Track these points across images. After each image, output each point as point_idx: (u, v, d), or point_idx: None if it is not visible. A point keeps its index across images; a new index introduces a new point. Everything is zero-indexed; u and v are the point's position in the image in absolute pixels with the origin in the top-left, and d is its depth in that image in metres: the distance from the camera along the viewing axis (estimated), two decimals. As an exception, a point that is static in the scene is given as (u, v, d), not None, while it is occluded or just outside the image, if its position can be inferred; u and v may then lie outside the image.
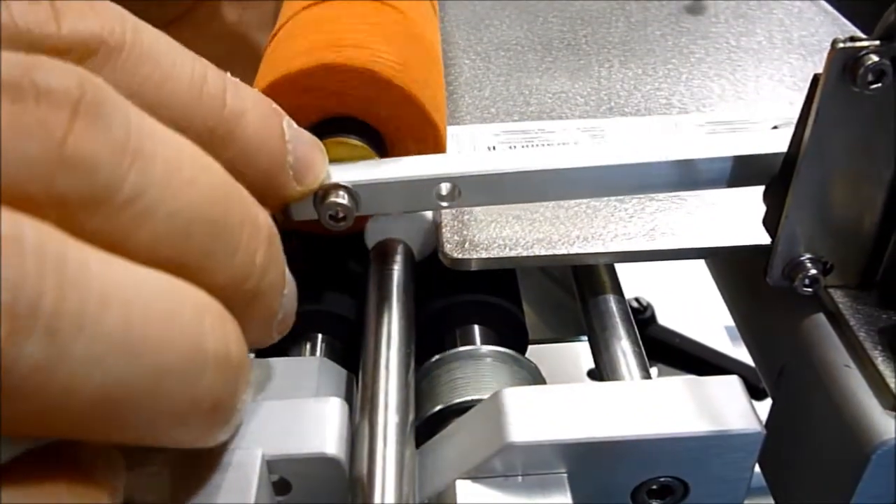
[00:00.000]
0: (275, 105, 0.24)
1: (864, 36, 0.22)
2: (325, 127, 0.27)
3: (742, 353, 0.59)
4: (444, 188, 0.27)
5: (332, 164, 0.26)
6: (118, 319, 0.15)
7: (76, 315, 0.14)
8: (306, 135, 0.25)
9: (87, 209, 0.15)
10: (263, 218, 0.20)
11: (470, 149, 0.34)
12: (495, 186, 0.27)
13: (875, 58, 0.21)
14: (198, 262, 0.18)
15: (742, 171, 0.26)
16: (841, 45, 0.21)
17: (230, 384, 0.18)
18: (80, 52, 0.18)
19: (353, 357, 0.29)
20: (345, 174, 0.26)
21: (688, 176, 0.27)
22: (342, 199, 0.26)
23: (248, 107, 0.22)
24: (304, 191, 0.25)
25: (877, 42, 0.21)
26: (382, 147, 0.28)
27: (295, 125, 0.24)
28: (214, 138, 0.21)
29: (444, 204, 0.27)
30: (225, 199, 0.19)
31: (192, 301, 0.17)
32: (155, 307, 0.16)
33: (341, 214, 0.26)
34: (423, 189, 0.27)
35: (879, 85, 0.22)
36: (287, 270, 0.22)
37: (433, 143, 0.29)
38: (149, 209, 0.16)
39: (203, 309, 0.17)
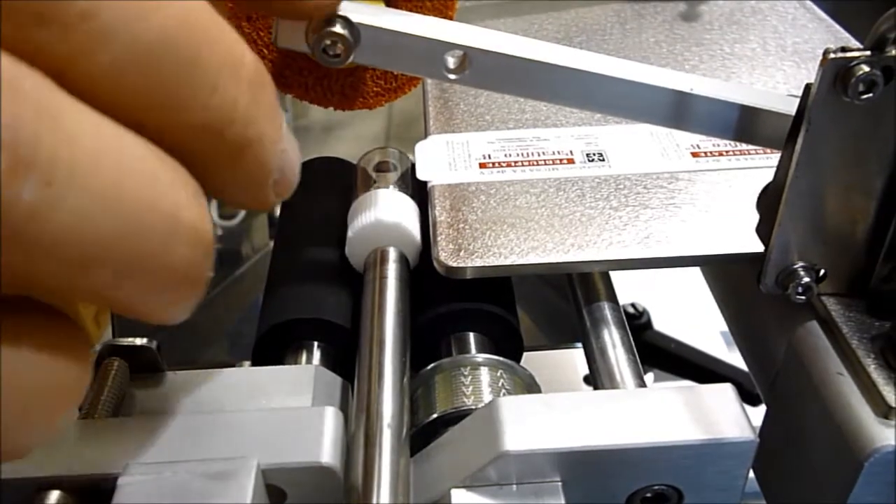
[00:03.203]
0: None
1: (855, 46, 0.22)
2: None
3: (738, 359, 0.60)
4: (454, 58, 0.25)
5: None
6: (108, 177, 0.15)
7: (70, 167, 0.14)
8: None
9: (36, 20, 0.15)
10: (251, 59, 0.19)
11: (465, 156, 0.34)
12: (506, 71, 0.25)
13: (866, 68, 0.21)
14: (167, 101, 0.17)
15: (749, 124, 0.26)
16: (832, 55, 0.22)
17: (199, 258, 0.18)
18: None
19: (348, 365, 0.29)
20: (348, 7, 0.24)
21: (698, 116, 0.26)
22: (341, 29, 0.23)
23: None
24: (318, 6, 0.23)
25: (867, 52, 0.22)
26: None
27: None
28: None
29: (451, 76, 0.25)
30: (198, 29, 0.17)
31: (171, 173, 0.17)
32: (139, 170, 0.16)
33: (338, 48, 0.24)
34: (433, 53, 0.25)
35: (870, 95, 0.22)
36: (286, 125, 0.20)
37: (443, 9, 0.27)
38: (106, 28, 0.16)
39: (179, 182, 0.17)
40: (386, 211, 0.31)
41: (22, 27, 0.15)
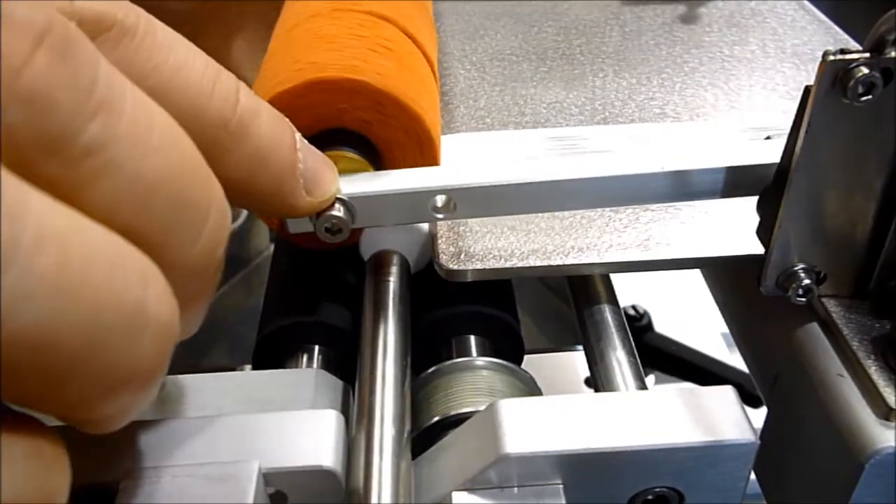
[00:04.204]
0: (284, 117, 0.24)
1: (854, 48, 0.22)
2: (320, 140, 0.27)
3: (739, 361, 0.60)
4: (440, 200, 0.27)
5: None
6: (52, 259, 0.15)
7: (7, 246, 0.14)
8: (316, 150, 0.25)
9: (42, 151, 0.15)
10: (228, 210, 0.20)
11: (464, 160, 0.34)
12: (490, 199, 0.27)
13: (865, 70, 0.21)
14: (158, 238, 0.17)
15: (736, 181, 0.26)
16: (831, 57, 0.22)
17: (165, 357, 0.18)
18: (92, 25, 0.18)
19: (349, 368, 0.29)
20: (341, 187, 0.26)
21: (682, 187, 0.27)
22: (339, 211, 0.26)
23: (262, 109, 0.22)
24: (314, 202, 0.25)
25: (867, 54, 0.22)
26: (377, 159, 0.29)
27: (304, 140, 0.24)
28: (227, 133, 0.21)
29: (440, 216, 0.27)
30: (192, 176, 0.18)
31: (140, 266, 0.17)
32: (97, 258, 0.16)
33: (338, 227, 0.26)
34: (419, 201, 0.27)
35: (870, 97, 0.22)
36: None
37: (429, 154, 0.29)
38: (109, 165, 0.16)
39: (149, 276, 0.17)
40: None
41: (25, 155, 0.15)
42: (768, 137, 0.31)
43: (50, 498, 0.16)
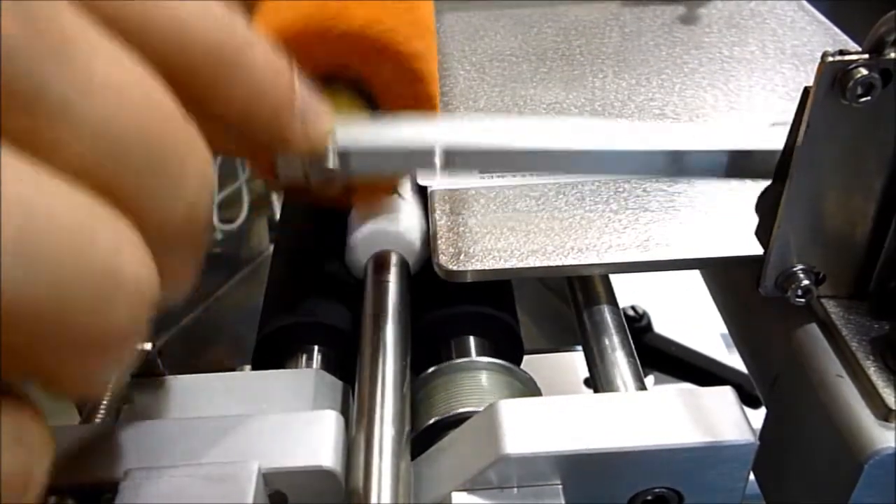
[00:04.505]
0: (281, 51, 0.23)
1: (853, 49, 0.22)
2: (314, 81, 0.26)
3: (738, 361, 0.60)
4: (439, 156, 0.26)
5: None
6: (12, 225, 0.14)
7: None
8: (310, 85, 0.24)
9: (6, 109, 0.15)
10: (209, 165, 0.19)
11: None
12: (491, 158, 0.26)
13: (864, 71, 0.21)
14: (133, 197, 0.17)
15: (738, 165, 0.26)
16: (830, 58, 0.22)
17: (140, 321, 0.17)
18: None
19: (349, 369, 0.29)
20: (336, 136, 0.25)
21: (683, 166, 0.26)
22: (334, 165, 0.25)
23: (258, 40, 0.21)
24: (310, 141, 0.24)
25: (866, 55, 0.22)
26: (372, 101, 0.28)
27: (299, 74, 0.23)
28: (222, 59, 0.20)
29: (438, 170, 0.26)
30: (167, 131, 0.17)
31: (111, 228, 0.16)
32: (62, 222, 0.15)
33: (331, 178, 0.25)
34: (418, 156, 0.26)
35: (869, 98, 0.22)
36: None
37: (424, 98, 0.28)
38: (76, 123, 0.16)
39: (122, 239, 0.16)
40: (388, 217, 0.31)
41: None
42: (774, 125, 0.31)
43: (29, 477, 0.16)
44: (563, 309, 0.65)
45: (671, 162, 0.26)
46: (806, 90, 0.23)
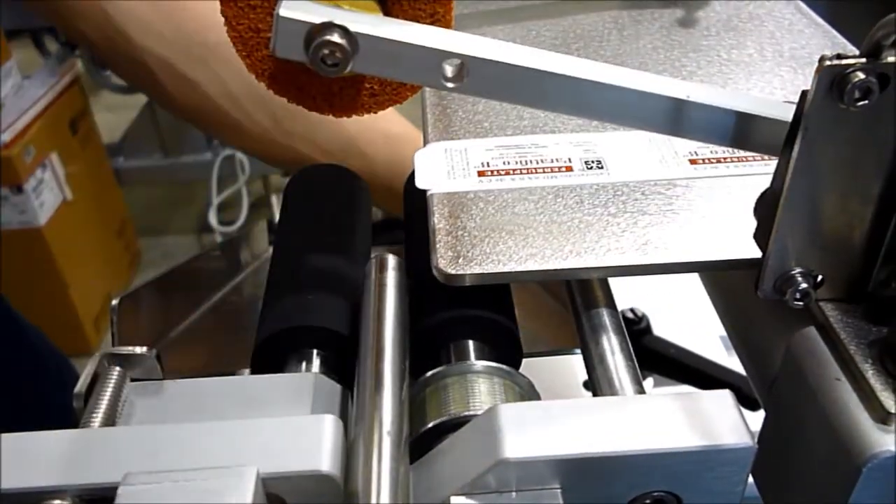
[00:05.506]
0: None
1: (851, 53, 0.22)
2: None
3: (737, 364, 0.60)
4: (452, 66, 0.25)
5: (333, 8, 0.24)
6: None
7: None
8: None
9: None
10: None
11: (463, 164, 0.34)
12: (503, 77, 0.25)
13: (861, 75, 0.21)
14: None
15: (745, 130, 0.26)
16: (828, 62, 0.22)
17: None
18: None
19: (347, 373, 0.29)
20: (346, 17, 0.24)
21: (692, 122, 0.26)
22: (338, 39, 0.23)
23: None
24: None
25: (863, 59, 0.22)
26: (385, 7, 0.27)
27: None
28: None
29: (449, 84, 0.25)
30: None
31: None
32: None
33: (336, 57, 0.23)
34: (430, 61, 0.25)
35: (866, 102, 0.22)
36: None
37: (441, 16, 0.27)
38: None
39: None
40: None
41: None
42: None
43: None
44: (562, 312, 0.65)
45: (675, 110, 0.26)
46: (804, 94, 0.23)
